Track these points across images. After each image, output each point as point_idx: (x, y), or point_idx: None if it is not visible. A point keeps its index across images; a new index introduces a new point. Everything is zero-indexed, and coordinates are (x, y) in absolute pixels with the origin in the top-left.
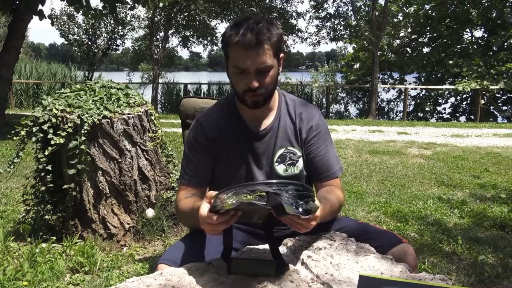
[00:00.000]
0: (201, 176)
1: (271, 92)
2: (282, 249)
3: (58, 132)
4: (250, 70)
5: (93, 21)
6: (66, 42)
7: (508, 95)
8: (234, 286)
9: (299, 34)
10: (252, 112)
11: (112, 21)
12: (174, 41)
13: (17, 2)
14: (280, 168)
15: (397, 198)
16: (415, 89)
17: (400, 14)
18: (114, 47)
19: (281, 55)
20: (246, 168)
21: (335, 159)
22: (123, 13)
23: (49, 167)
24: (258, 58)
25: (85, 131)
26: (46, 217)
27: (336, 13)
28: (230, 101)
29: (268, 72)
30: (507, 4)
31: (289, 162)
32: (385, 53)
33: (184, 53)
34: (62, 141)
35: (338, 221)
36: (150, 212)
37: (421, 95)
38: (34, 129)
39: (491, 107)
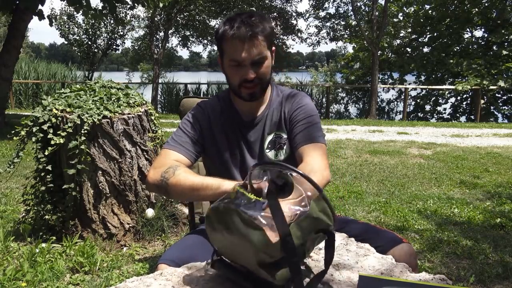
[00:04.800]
0: (188, 147)
1: (267, 83)
2: None
3: (58, 132)
4: (246, 62)
5: (93, 21)
6: (66, 42)
7: (508, 95)
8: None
9: (299, 34)
10: (244, 103)
11: (112, 21)
12: (174, 41)
13: (17, 2)
14: (271, 154)
15: (397, 198)
16: (415, 89)
17: (400, 14)
18: (114, 47)
19: (273, 48)
20: (240, 156)
21: (317, 132)
22: (123, 13)
23: (49, 167)
24: (253, 49)
25: (85, 131)
26: (46, 217)
27: (336, 13)
28: (225, 95)
29: (263, 63)
30: (507, 4)
31: (277, 146)
32: (385, 53)
33: (184, 53)
34: (62, 141)
35: (338, 221)
36: (150, 212)
37: (421, 95)
38: (34, 129)
39: (491, 107)
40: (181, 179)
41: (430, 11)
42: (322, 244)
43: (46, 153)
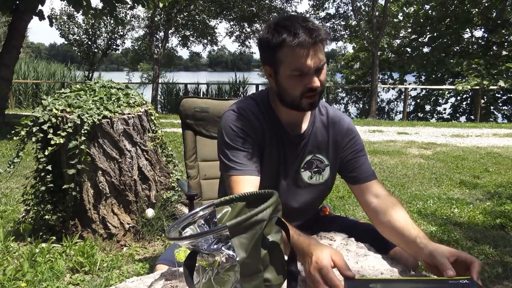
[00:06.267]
0: (255, 163)
1: (323, 90)
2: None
3: (58, 132)
4: (312, 70)
5: (93, 21)
6: (66, 42)
7: (508, 95)
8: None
9: None
10: (290, 114)
11: (112, 21)
12: (174, 41)
13: (17, 2)
14: (305, 175)
15: (397, 198)
16: (415, 89)
17: (400, 14)
18: (114, 47)
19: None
20: (277, 170)
21: (370, 163)
22: (123, 13)
23: (49, 167)
24: (317, 56)
25: (85, 131)
26: (46, 217)
27: (336, 13)
28: (264, 99)
29: (323, 70)
30: (507, 4)
31: (315, 169)
32: (385, 53)
33: (184, 53)
34: (62, 141)
35: (339, 221)
36: (150, 212)
37: (421, 95)
38: (34, 129)
39: (491, 107)
40: None
41: (430, 11)
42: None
43: (46, 153)
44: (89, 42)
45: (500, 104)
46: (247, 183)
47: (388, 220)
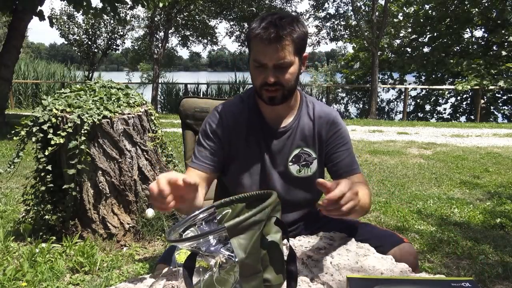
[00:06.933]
0: (206, 159)
1: (290, 90)
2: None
3: (58, 132)
4: (269, 65)
5: (93, 21)
6: (66, 42)
7: (508, 95)
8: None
9: None
10: (272, 109)
11: (112, 21)
12: (174, 41)
13: (17, 2)
14: (293, 168)
15: (397, 198)
16: (415, 89)
17: (400, 14)
18: (114, 47)
19: (304, 54)
20: (261, 165)
21: (355, 157)
22: (122, 13)
23: (49, 167)
24: (277, 53)
25: (85, 131)
26: (46, 217)
27: (336, 13)
28: (250, 96)
29: (287, 69)
30: (507, 4)
31: (303, 163)
32: (385, 53)
33: (184, 53)
34: (62, 141)
35: (338, 221)
36: (150, 212)
37: (421, 95)
38: (34, 129)
39: (491, 107)
40: None
41: (430, 11)
42: (322, 244)
43: (46, 153)
44: (89, 42)
45: (500, 104)
46: (192, 175)
47: None
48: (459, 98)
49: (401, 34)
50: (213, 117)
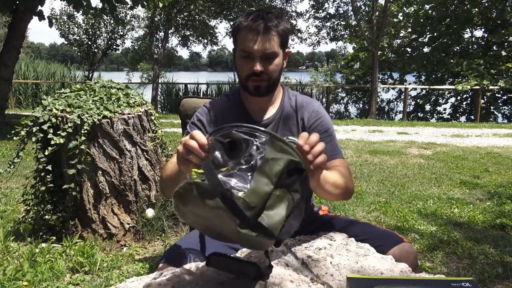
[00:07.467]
0: None
1: (274, 81)
2: (282, 249)
3: (58, 132)
4: (256, 54)
5: (93, 21)
6: (66, 42)
7: (508, 95)
8: (235, 286)
9: (299, 34)
10: (256, 102)
11: (112, 21)
12: (174, 41)
13: (17, 2)
14: None
15: (397, 198)
16: (415, 89)
17: (400, 14)
18: (114, 47)
19: (287, 50)
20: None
21: (337, 145)
22: (122, 13)
23: (49, 167)
24: (264, 43)
25: (85, 131)
26: (46, 217)
27: (336, 13)
28: (235, 93)
29: (273, 59)
30: (507, 4)
31: None
32: (385, 53)
33: (184, 53)
34: (62, 141)
35: (338, 221)
36: (150, 212)
37: (421, 95)
38: (34, 129)
39: (491, 107)
40: (164, 169)
41: (430, 11)
42: (322, 244)
43: (46, 153)
44: (89, 42)
45: (500, 104)
46: (173, 160)
47: None
48: (459, 98)
49: (401, 34)
50: (201, 110)
